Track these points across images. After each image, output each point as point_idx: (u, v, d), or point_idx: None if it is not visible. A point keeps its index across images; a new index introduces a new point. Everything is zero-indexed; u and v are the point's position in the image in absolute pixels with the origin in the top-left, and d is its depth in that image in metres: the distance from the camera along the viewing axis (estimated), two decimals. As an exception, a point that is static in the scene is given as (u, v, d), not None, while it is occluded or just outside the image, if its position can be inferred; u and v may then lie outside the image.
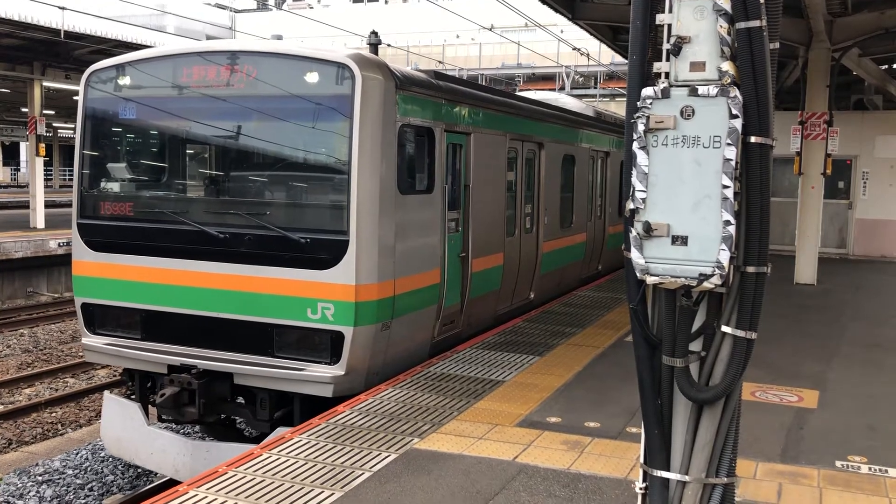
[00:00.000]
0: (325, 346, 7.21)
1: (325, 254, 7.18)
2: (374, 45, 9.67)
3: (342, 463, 5.57)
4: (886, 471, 5.70)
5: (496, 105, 10.14)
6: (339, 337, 7.15)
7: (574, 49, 26.96)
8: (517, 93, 16.31)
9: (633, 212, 3.61)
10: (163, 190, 8.37)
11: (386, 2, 53.73)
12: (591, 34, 17.62)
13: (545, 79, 38.68)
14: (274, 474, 5.34)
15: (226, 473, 5.36)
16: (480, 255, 9.69)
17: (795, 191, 16.58)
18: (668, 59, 3.60)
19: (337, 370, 7.16)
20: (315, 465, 5.51)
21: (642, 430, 3.89)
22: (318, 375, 7.14)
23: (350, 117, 7.13)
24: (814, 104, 14.98)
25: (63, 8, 17.94)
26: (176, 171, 8.34)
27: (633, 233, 3.60)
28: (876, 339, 10.27)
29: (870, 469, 5.73)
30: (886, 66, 19.86)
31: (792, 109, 16.65)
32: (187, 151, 8.34)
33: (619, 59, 28.73)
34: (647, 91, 3.56)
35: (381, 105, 7.29)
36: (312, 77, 7.35)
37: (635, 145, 3.58)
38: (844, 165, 20.04)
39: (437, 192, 8.44)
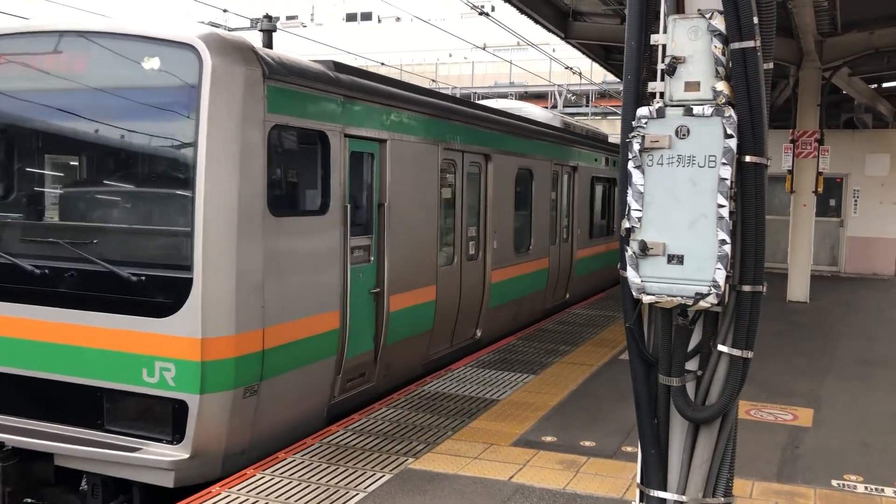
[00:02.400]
0: (166, 419, 5.55)
1: (163, 296, 5.54)
2: (268, 31, 7.44)
3: (336, 483, 5.52)
4: (882, 490, 5.68)
5: (424, 108, 8.45)
6: (182, 407, 5.51)
7: (567, 68, 27.11)
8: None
9: (629, 231, 3.61)
10: None
11: (379, 20, 54.05)
12: (584, 53, 17.73)
13: (538, 97, 38.87)
14: (268, 495, 5.29)
15: (219, 494, 5.30)
16: (403, 289, 7.94)
17: (787, 209, 16.65)
18: (662, 79, 3.63)
19: (180, 452, 5.49)
20: (309, 486, 5.46)
21: (639, 450, 3.88)
22: (155, 459, 5.48)
23: (195, 115, 5.52)
24: (805, 123, 15.08)
25: None
26: None
27: (629, 252, 3.61)
28: (868, 356, 10.28)
29: (866, 488, 5.71)
30: (876, 85, 20.02)
31: (783, 128, 16.75)
32: None
33: (611, 77, 28.90)
34: (643, 111, 3.58)
35: (241, 99, 5.66)
36: (150, 63, 5.69)
37: (631, 164, 3.60)
38: (835, 183, 20.16)
39: (333, 212, 6.70)
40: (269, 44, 7.23)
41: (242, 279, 5.66)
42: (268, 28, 7.46)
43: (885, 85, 20.20)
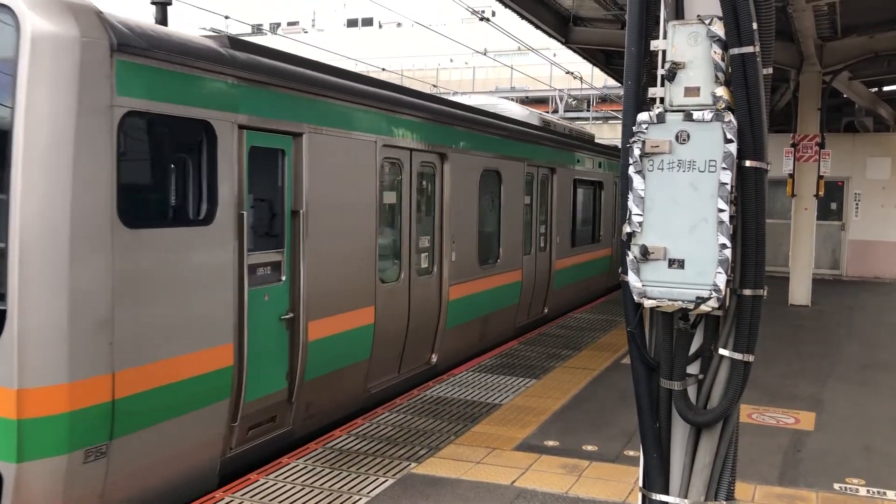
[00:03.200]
0: None
1: None
2: (162, 3, 6.20)
3: (339, 488, 5.53)
4: (885, 493, 5.69)
5: (356, 96, 7.15)
6: None
7: (567, 72, 27.16)
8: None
9: (630, 235, 3.63)
10: None
11: (380, 26, 54.16)
12: (585, 58, 17.77)
13: (538, 101, 38.93)
14: (270, 500, 5.30)
15: (222, 500, 5.32)
16: (327, 313, 6.68)
17: (788, 212, 16.67)
18: (662, 85, 3.64)
19: None
20: (312, 491, 5.47)
21: (641, 454, 3.89)
22: None
23: (11, 96, 4.39)
24: (805, 126, 15.11)
25: None
26: None
27: (631, 256, 3.62)
28: (870, 360, 10.29)
29: (868, 492, 5.72)
30: (876, 89, 20.05)
31: (784, 132, 16.80)
32: None
33: (611, 82, 28.95)
34: (643, 116, 3.59)
35: (77, 77, 4.47)
36: None
37: (631, 169, 3.61)
38: (836, 187, 20.17)
39: (222, 221, 5.48)
40: (163, 20, 6.12)
41: (79, 310, 4.47)
42: (161, 1, 6.20)
43: (885, 88, 20.21)
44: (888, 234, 20.16)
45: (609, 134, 37.17)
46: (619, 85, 27.60)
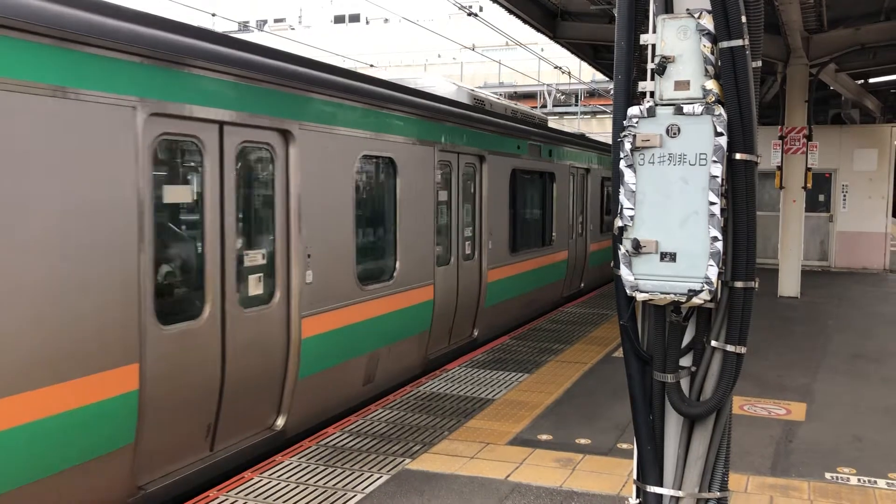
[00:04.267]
0: None
1: None
2: None
3: (334, 485, 5.54)
4: (875, 482, 5.74)
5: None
6: None
7: (556, 67, 27.19)
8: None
9: (622, 229, 3.64)
10: None
11: (367, 22, 54.06)
12: (573, 53, 17.78)
13: (527, 97, 38.97)
14: (265, 498, 5.30)
15: (217, 498, 5.31)
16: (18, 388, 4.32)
17: (777, 205, 16.76)
18: (652, 79, 3.66)
19: None
20: (307, 489, 5.47)
21: (634, 446, 3.91)
22: None
23: None
24: (793, 119, 15.19)
25: None
26: None
27: (623, 250, 3.64)
28: (860, 350, 10.36)
29: (859, 480, 5.77)
30: (862, 81, 20.19)
31: (771, 124, 16.86)
32: None
33: (599, 76, 29.02)
34: (633, 110, 3.61)
35: None
36: None
37: (622, 163, 3.63)
38: (824, 179, 20.29)
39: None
40: None
41: None
42: None
43: (871, 80, 20.38)
44: (875, 225, 20.29)
45: (598, 128, 37.28)
46: (607, 79, 27.78)
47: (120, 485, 4.99)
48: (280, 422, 6.51)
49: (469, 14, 17.98)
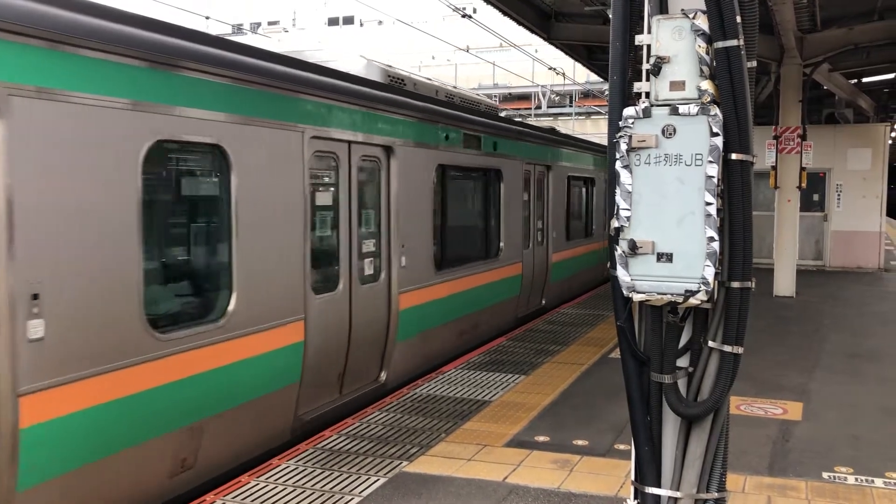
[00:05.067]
0: None
1: None
2: None
3: (331, 489, 5.52)
4: (872, 481, 5.74)
5: None
6: None
7: (550, 69, 27.22)
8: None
9: (618, 230, 3.64)
10: None
11: (361, 24, 54.04)
12: (567, 54, 17.81)
13: (522, 98, 39.03)
14: (262, 502, 5.28)
15: (214, 502, 5.29)
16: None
17: (771, 204, 16.79)
18: (648, 79, 3.65)
19: None
20: (304, 492, 5.46)
21: (632, 447, 3.90)
22: None
23: None
24: (787, 119, 15.22)
25: None
26: None
27: (619, 251, 3.63)
28: (855, 349, 10.38)
29: (856, 479, 5.77)
30: (856, 81, 20.24)
31: (766, 124, 16.90)
32: None
33: (594, 77, 29.04)
34: (629, 111, 3.60)
35: None
36: None
37: (618, 164, 3.62)
38: (818, 178, 20.33)
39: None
40: None
41: None
42: None
43: (864, 80, 20.43)
44: (870, 224, 20.34)
45: (592, 129, 37.33)
46: (602, 80, 27.83)
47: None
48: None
49: (463, 16, 17.98)
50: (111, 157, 4.94)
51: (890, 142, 21.68)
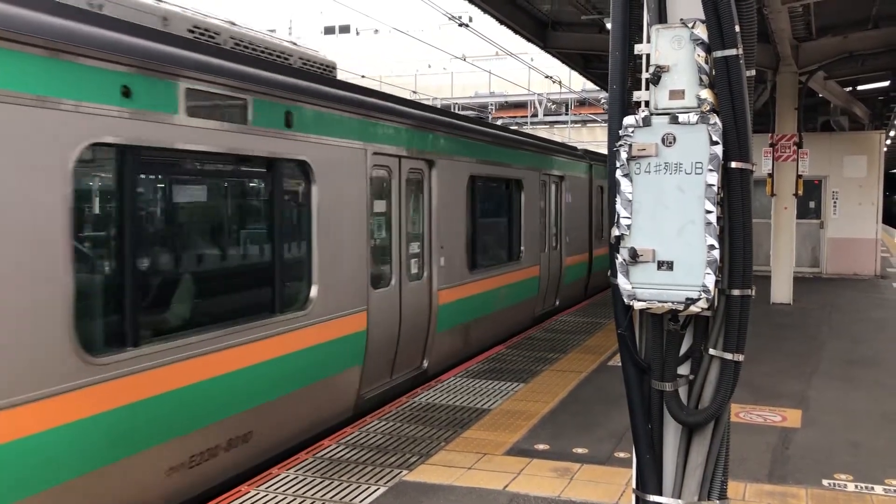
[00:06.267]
0: None
1: None
2: None
3: (331, 498, 5.51)
4: (872, 488, 5.75)
5: None
6: None
7: (546, 77, 27.29)
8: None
9: (619, 238, 3.65)
10: None
11: (357, 33, 54.15)
12: (564, 62, 17.87)
13: (518, 106, 39.11)
14: (262, 511, 5.27)
15: (213, 512, 5.28)
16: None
17: (768, 212, 16.83)
18: (647, 88, 3.67)
19: None
20: (304, 501, 5.45)
21: (633, 455, 3.91)
22: None
23: None
24: (783, 126, 15.27)
25: None
26: None
27: (620, 259, 3.64)
28: (853, 356, 10.40)
29: (856, 486, 5.78)
30: (851, 89, 20.32)
31: (762, 132, 16.95)
32: None
33: (590, 85, 29.11)
34: (629, 120, 3.62)
35: None
36: None
37: (619, 173, 3.64)
38: (814, 186, 20.39)
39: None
40: None
41: None
42: None
43: (859, 88, 20.51)
44: (866, 231, 20.39)
45: (588, 137, 37.39)
46: (598, 89, 27.91)
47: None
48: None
49: (460, 25, 18.04)
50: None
51: (885, 149, 21.74)
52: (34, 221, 4.48)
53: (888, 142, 26.60)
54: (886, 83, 19.65)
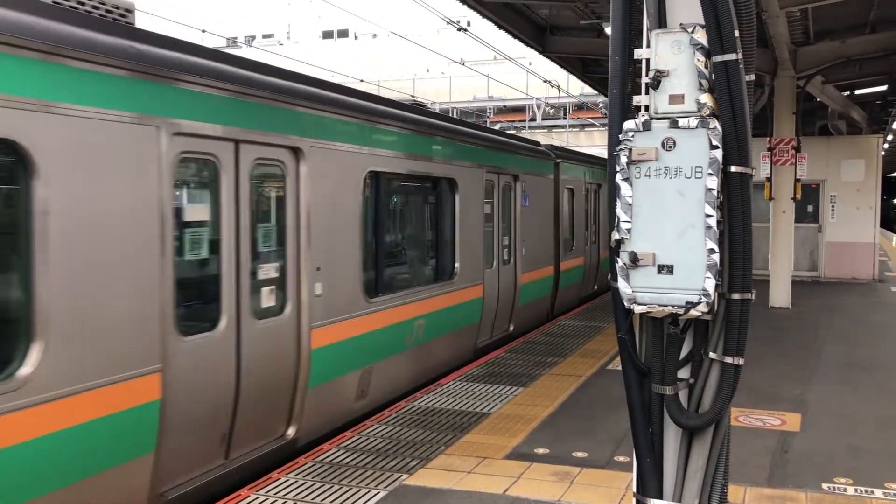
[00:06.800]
0: None
1: None
2: None
3: (332, 502, 5.51)
4: (872, 492, 5.75)
5: None
6: None
7: (545, 81, 27.32)
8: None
9: (619, 242, 3.66)
10: None
11: (356, 37, 54.20)
12: (562, 67, 17.89)
13: (516, 110, 39.15)
14: (262, 516, 5.27)
15: (213, 517, 5.27)
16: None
17: (766, 216, 16.85)
18: (647, 93, 3.68)
19: None
20: (304, 505, 5.44)
21: (634, 459, 3.91)
22: None
23: None
24: (781, 130, 15.31)
25: None
26: None
27: (620, 262, 3.65)
28: (851, 360, 10.41)
29: (856, 490, 5.78)
30: (848, 93, 20.38)
31: (760, 136, 16.97)
32: None
33: (588, 89, 29.14)
34: (629, 124, 3.63)
35: None
36: None
37: (619, 177, 3.65)
38: (812, 190, 20.42)
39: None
40: None
41: None
42: None
43: (857, 92, 20.56)
44: (864, 235, 20.41)
45: (586, 141, 37.44)
46: (596, 93, 27.93)
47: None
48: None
49: (459, 29, 18.05)
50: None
51: (883, 153, 21.77)
52: None
53: (886, 146, 26.67)
54: (884, 87, 19.70)
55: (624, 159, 3.62)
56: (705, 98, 3.54)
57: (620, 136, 3.65)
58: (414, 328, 8.87)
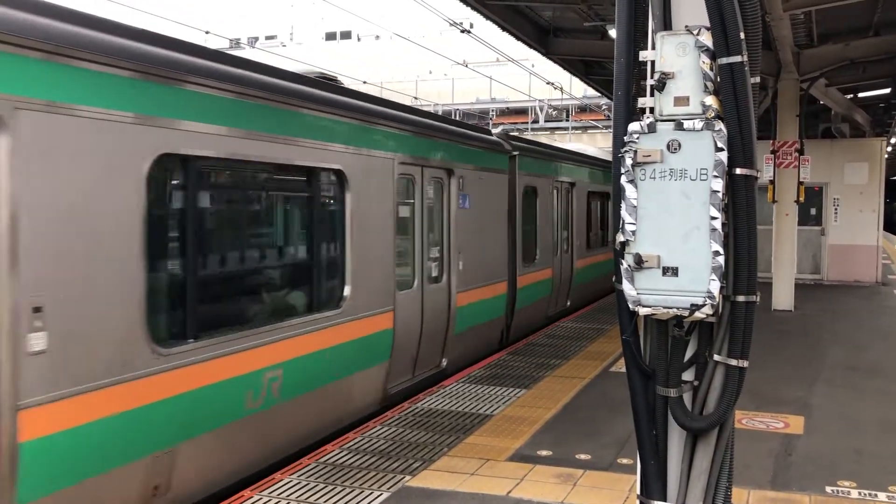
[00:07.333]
0: None
1: None
2: None
3: (335, 503, 5.50)
4: (876, 495, 5.74)
5: None
6: None
7: (548, 83, 27.32)
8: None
9: (624, 244, 3.65)
10: None
11: (359, 39, 54.24)
12: (565, 69, 17.89)
13: (518, 112, 39.16)
14: (265, 517, 5.27)
15: (216, 517, 5.27)
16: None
17: (769, 218, 16.83)
18: (652, 95, 3.68)
19: None
20: (307, 507, 5.44)
21: (637, 461, 3.91)
22: None
23: None
24: (785, 133, 15.30)
25: None
26: None
27: (625, 265, 3.65)
28: (855, 363, 10.39)
29: (859, 493, 5.77)
30: (852, 96, 20.35)
31: (763, 138, 16.96)
32: None
33: (591, 91, 29.13)
34: (634, 126, 3.63)
35: None
36: None
37: (624, 179, 3.64)
38: (815, 193, 20.39)
39: None
40: None
41: None
42: None
43: (861, 95, 20.54)
44: (867, 238, 20.38)
45: (588, 143, 37.43)
46: (599, 95, 27.94)
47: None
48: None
49: (462, 31, 18.06)
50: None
51: (886, 156, 21.75)
52: None
53: (889, 149, 26.63)
54: (887, 90, 19.69)
55: (629, 161, 3.62)
56: (710, 100, 3.54)
57: (626, 137, 3.65)
58: (262, 383, 6.24)
